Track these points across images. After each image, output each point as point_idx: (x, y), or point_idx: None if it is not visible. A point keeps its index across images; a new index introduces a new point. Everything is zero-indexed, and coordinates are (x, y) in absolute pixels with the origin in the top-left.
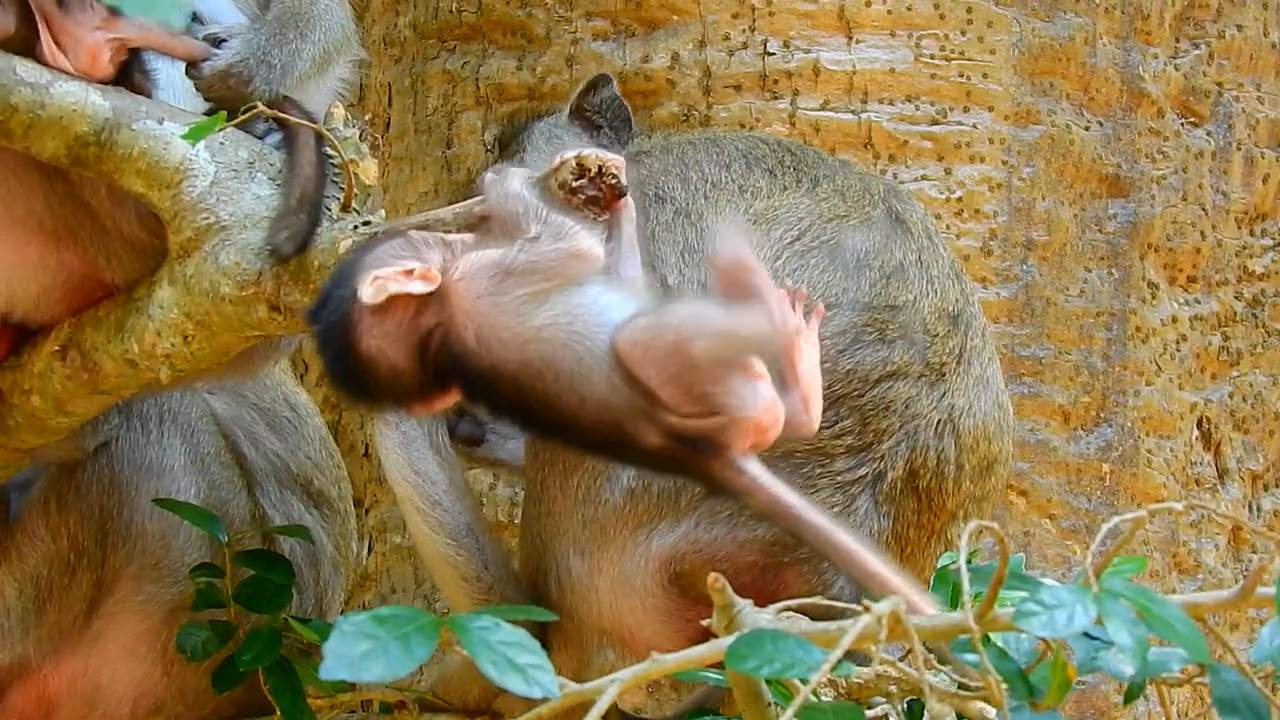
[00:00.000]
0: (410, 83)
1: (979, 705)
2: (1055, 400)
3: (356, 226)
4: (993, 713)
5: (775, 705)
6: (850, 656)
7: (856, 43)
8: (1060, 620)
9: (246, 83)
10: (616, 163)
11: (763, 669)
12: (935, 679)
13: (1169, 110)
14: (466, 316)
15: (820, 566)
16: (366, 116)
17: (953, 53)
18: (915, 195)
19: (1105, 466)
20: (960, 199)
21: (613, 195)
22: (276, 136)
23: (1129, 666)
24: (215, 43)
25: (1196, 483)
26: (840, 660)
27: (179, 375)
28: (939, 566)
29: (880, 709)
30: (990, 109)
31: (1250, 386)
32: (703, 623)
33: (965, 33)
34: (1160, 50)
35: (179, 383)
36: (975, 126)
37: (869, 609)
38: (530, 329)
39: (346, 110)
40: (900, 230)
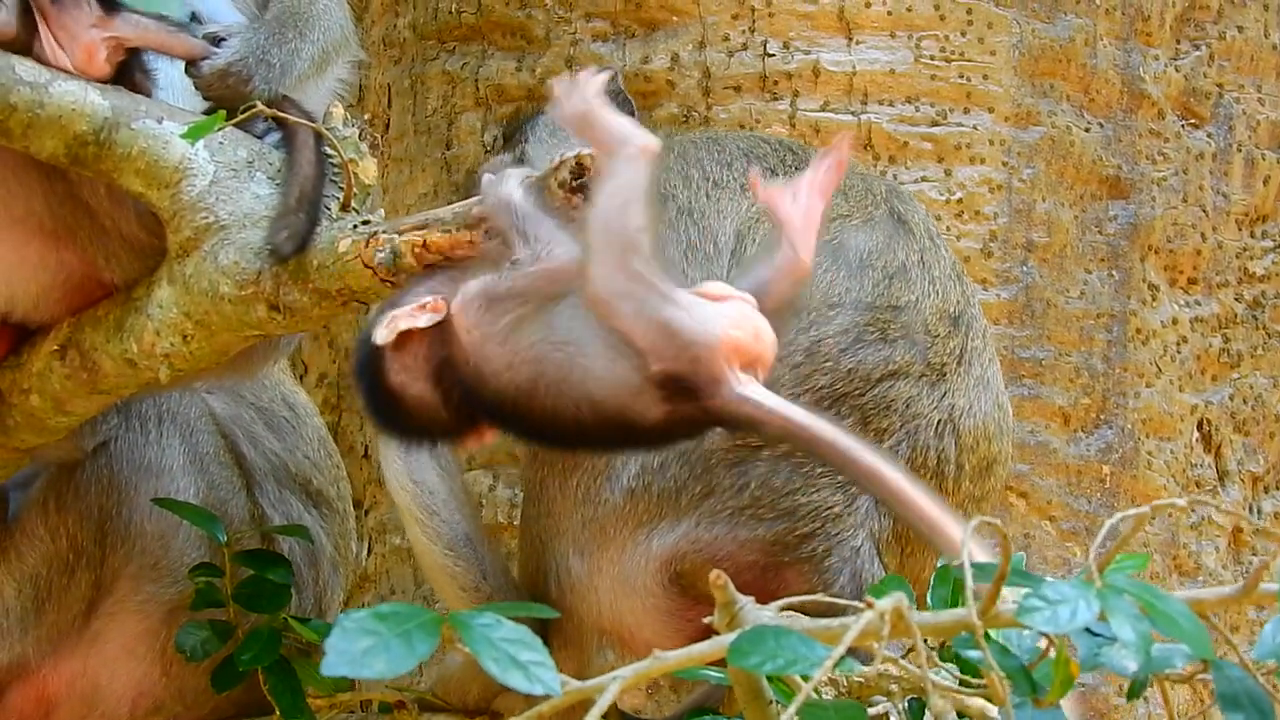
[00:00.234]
0: (410, 84)
1: (981, 702)
2: (1055, 402)
3: (356, 226)
4: (995, 710)
5: (776, 703)
6: (853, 655)
7: (856, 44)
8: (1064, 615)
9: (246, 81)
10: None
11: (765, 665)
12: (937, 676)
13: (1169, 112)
14: (463, 348)
15: (821, 565)
16: (365, 116)
17: (953, 54)
18: (915, 197)
19: (1105, 468)
20: (960, 200)
21: None
22: (276, 136)
23: (1132, 662)
24: (214, 41)
25: (1197, 485)
26: (843, 657)
27: (178, 375)
28: (939, 565)
29: (881, 707)
30: (990, 110)
31: (1251, 388)
32: (704, 620)
33: (965, 34)
34: (1161, 51)
35: (178, 382)
36: (975, 128)
37: (871, 605)
38: (516, 354)
39: (346, 110)
40: (903, 231)
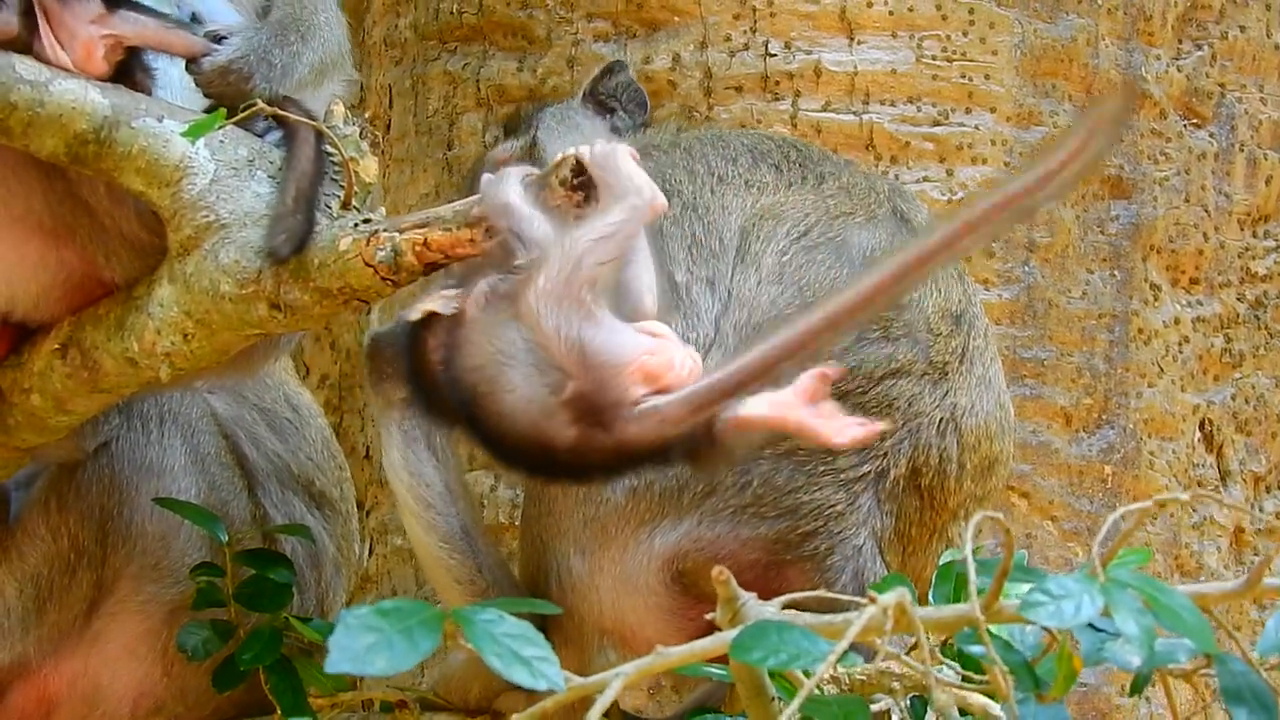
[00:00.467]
0: (411, 84)
1: (984, 698)
2: (1057, 402)
3: (357, 224)
4: (998, 706)
5: (778, 700)
6: (857, 651)
7: (858, 44)
8: (1067, 610)
9: (247, 79)
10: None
11: (768, 660)
12: (940, 672)
13: (1171, 111)
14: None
15: (824, 563)
16: (366, 115)
17: (954, 54)
18: (917, 197)
19: (1107, 468)
20: (962, 200)
21: None
22: (276, 135)
23: (1135, 657)
24: (215, 40)
25: (1199, 484)
26: (845, 654)
27: (179, 373)
28: (941, 563)
29: (884, 703)
30: (992, 110)
31: (1252, 388)
32: (707, 617)
33: (967, 34)
34: (1163, 51)
35: (179, 381)
36: (977, 128)
37: (874, 600)
38: (477, 357)
39: (346, 110)
40: (905, 230)
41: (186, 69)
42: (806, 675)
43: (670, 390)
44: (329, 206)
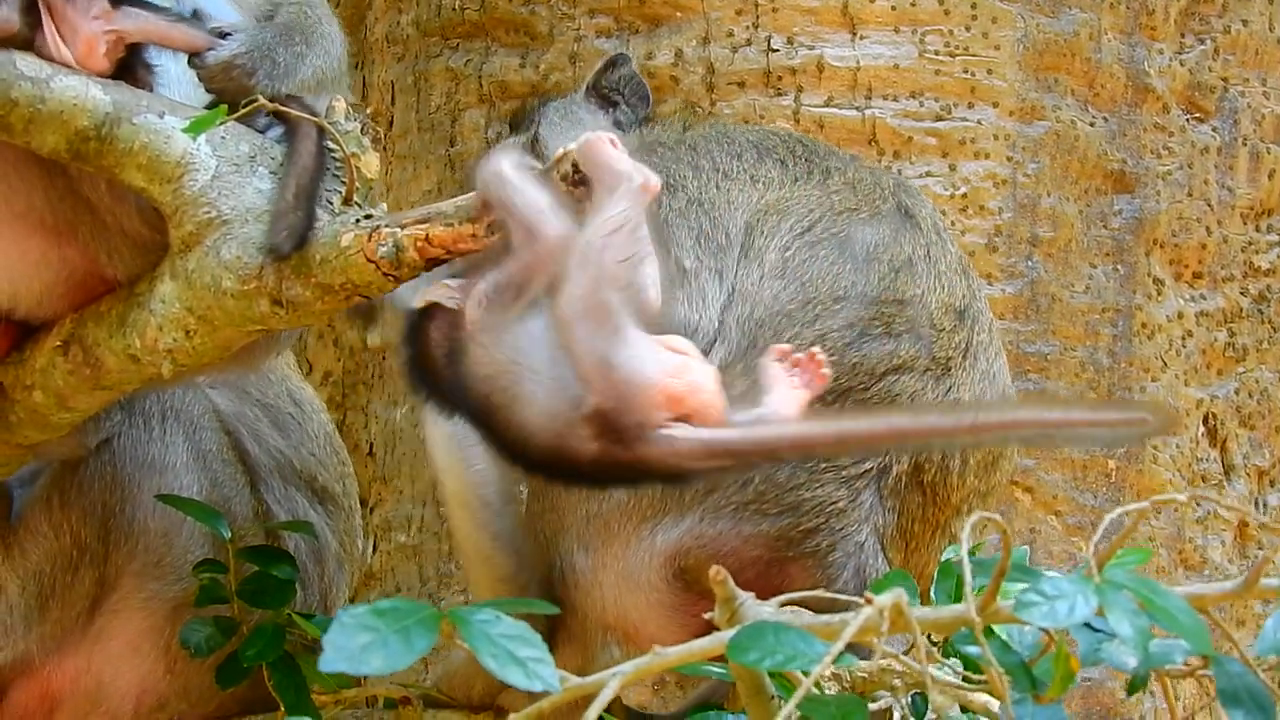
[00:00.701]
0: (413, 81)
1: (984, 698)
2: (1061, 396)
3: (358, 220)
4: (995, 705)
5: (778, 699)
6: (854, 650)
7: (860, 39)
8: (1061, 611)
9: (250, 74)
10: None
11: (764, 661)
12: (938, 671)
13: (1174, 106)
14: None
15: (825, 560)
16: (368, 111)
17: (957, 48)
18: (921, 192)
19: (1111, 463)
20: (965, 195)
21: None
22: (277, 131)
23: (1131, 658)
24: (220, 36)
25: (1202, 479)
26: (843, 653)
27: (181, 370)
28: (943, 560)
29: (884, 702)
30: (995, 105)
31: (1256, 382)
32: (707, 615)
33: (970, 28)
34: (1165, 45)
35: (181, 377)
36: (980, 122)
37: (871, 601)
38: (489, 360)
39: (348, 106)
40: (910, 225)
41: (189, 64)
42: (805, 675)
43: (692, 416)
44: (331, 203)
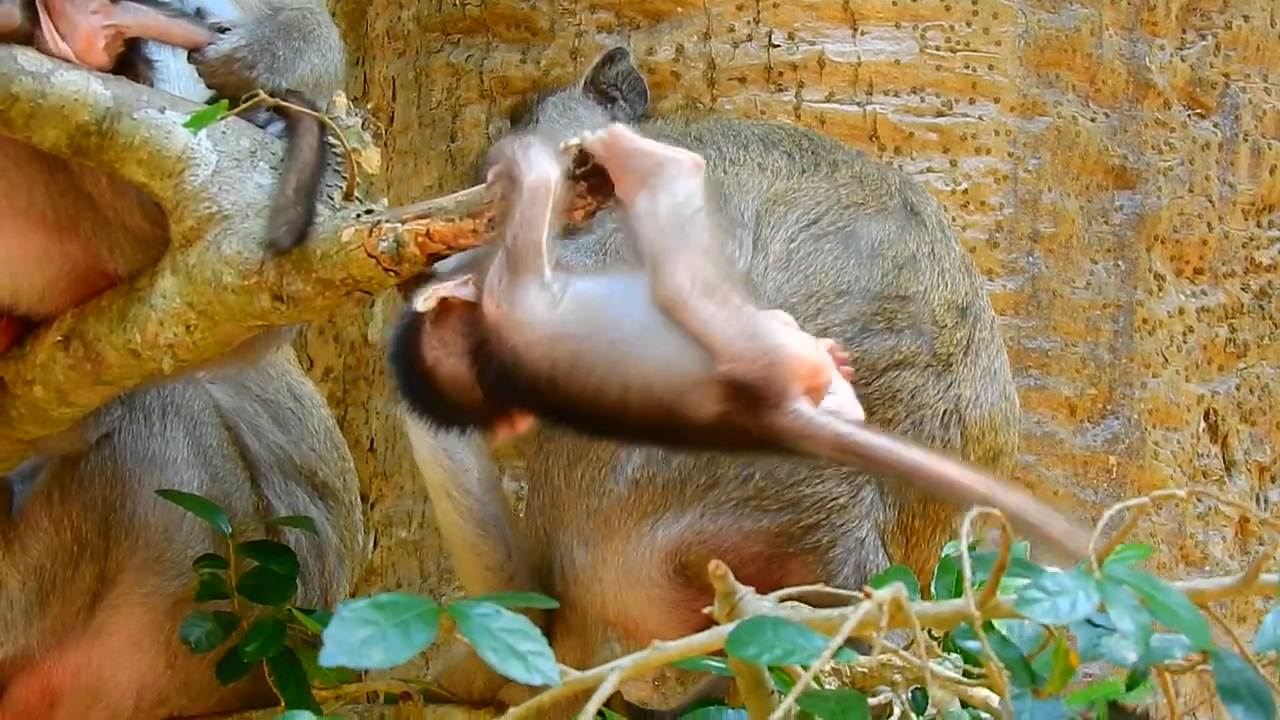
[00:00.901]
0: (414, 76)
1: (983, 693)
2: (1061, 392)
3: (359, 215)
4: (995, 700)
5: (778, 693)
6: (854, 645)
7: (861, 34)
8: (1063, 606)
9: (250, 68)
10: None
11: (763, 656)
12: (938, 666)
13: (1175, 101)
14: (494, 323)
15: (826, 556)
16: (369, 106)
17: (958, 44)
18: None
19: (1112, 459)
20: (966, 191)
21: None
22: (278, 126)
23: (1132, 653)
24: (219, 31)
25: (1204, 475)
26: (842, 648)
27: (181, 365)
28: (943, 555)
29: (884, 697)
30: (996, 101)
31: (1257, 378)
32: (704, 610)
33: (971, 24)
34: (1167, 41)
35: (182, 372)
36: (981, 118)
37: (870, 595)
38: (549, 327)
39: (349, 102)
40: (915, 222)
41: (189, 59)
42: (805, 669)
43: (817, 392)
44: (331, 198)
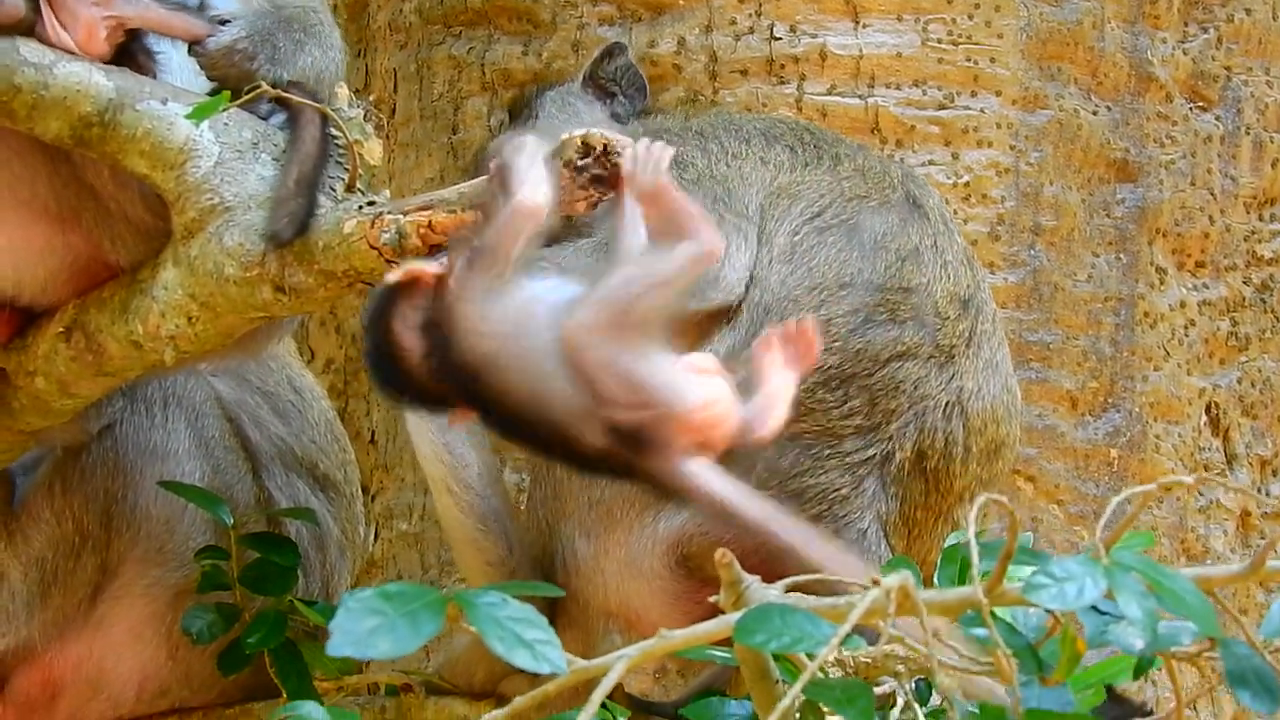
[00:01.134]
0: (415, 68)
1: (988, 681)
2: (1063, 385)
3: (361, 207)
4: (1002, 688)
5: (783, 682)
6: (859, 634)
7: (863, 27)
8: (1070, 593)
9: (251, 59)
10: (623, 142)
11: (771, 643)
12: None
13: (1177, 95)
14: (445, 305)
15: None
16: (371, 98)
17: (960, 37)
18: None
19: (1113, 452)
20: (968, 184)
21: (618, 174)
22: (280, 118)
23: (1139, 640)
24: (220, 24)
25: (1205, 468)
26: (849, 636)
27: (183, 356)
28: (946, 546)
29: (889, 686)
30: (998, 93)
31: (1259, 372)
32: (711, 600)
33: (973, 17)
34: (1168, 34)
35: (183, 364)
36: (983, 111)
37: (878, 583)
38: (485, 321)
39: (351, 94)
40: (917, 215)
41: (190, 52)
42: (810, 658)
43: (709, 447)
44: (333, 189)
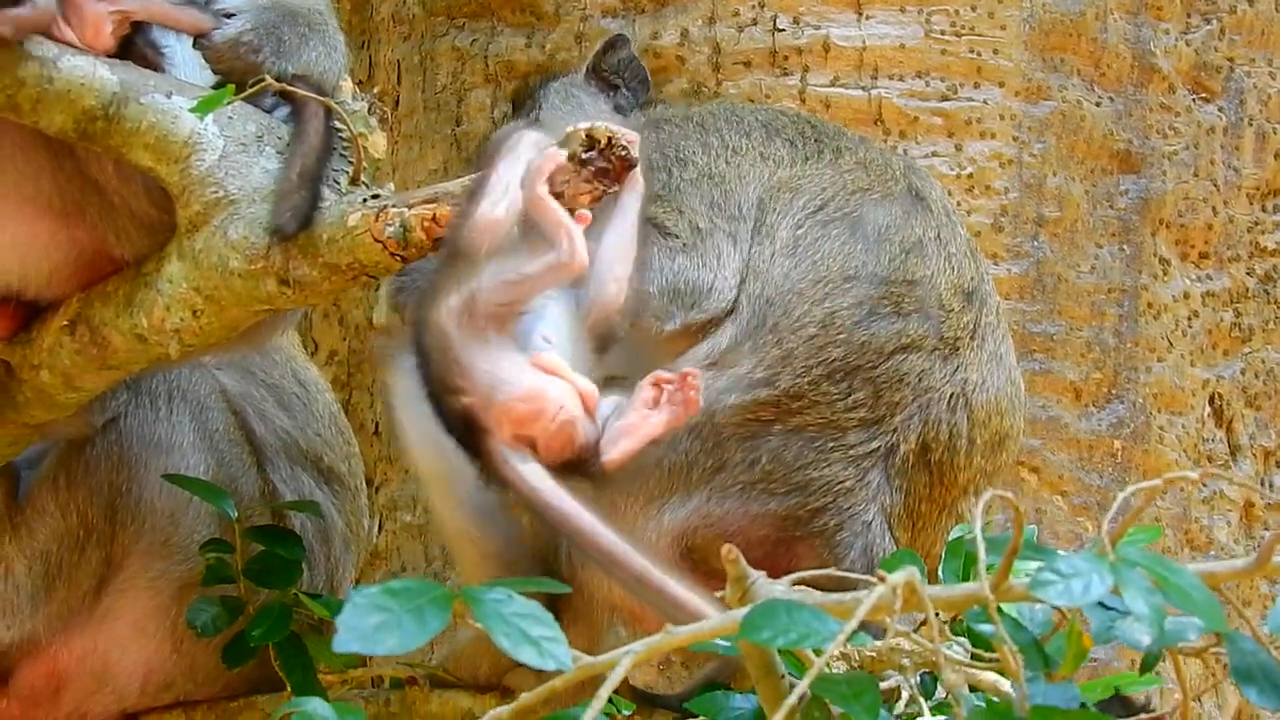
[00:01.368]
0: (419, 60)
1: (993, 676)
2: (1067, 377)
3: (365, 200)
4: (1008, 684)
5: (788, 678)
6: (865, 629)
7: (866, 18)
8: (1076, 589)
9: (256, 51)
10: (628, 136)
11: (777, 639)
12: (950, 650)
13: (1180, 86)
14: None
15: (833, 540)
16: (375, 91)
17: (963, 28)
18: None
19: (1117, 443)
20: (971, 175)
21: (623, 167)
22: (284, 111)
23: (1145, 636)
24: (225, 16)
25: (1209, 459)
26: (855, 632)
27: (188, 349)
28: (951, 539)
29: (894, 681)
30: (1001, 85)
31: (1262, 363)
32: (715, 594)
33: (975, 8)
34: (1171, 25)
35: (188, 357)
36: (986, 102)
37: (884, 579)
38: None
39: (355, 86)
40: (920, 207)
41: (195, 45)
42: (816, 653)
43: (538, 439)
44: (338, 182)
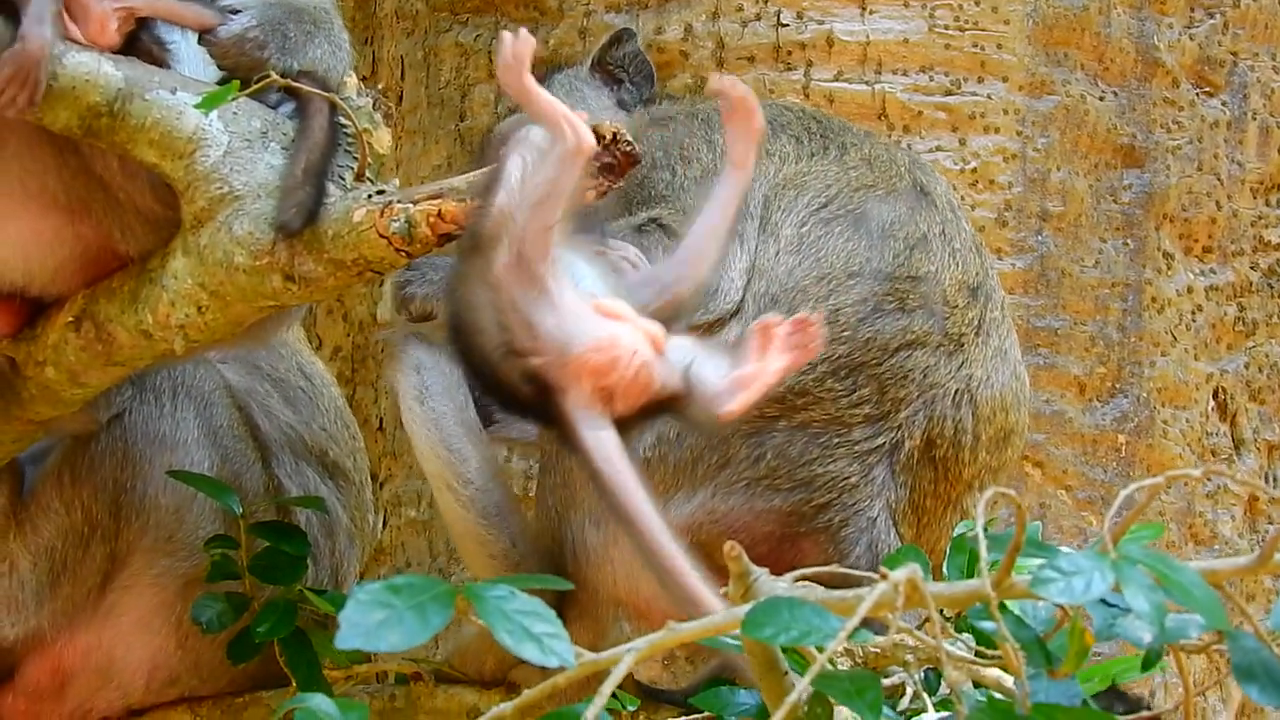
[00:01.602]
0: (423, 56)
1: (996, 673)
2: (1071, 371)
3: (370, 195)
4: (1010, 680)
5: (791, 674)
6: (868, 626)
7: (870, 13)
8: (1078, 586)
9: (261, 47)
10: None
11: (779, 637)
12: (953, 647)
13: (1184, 80)
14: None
15: (838, 535)
16: (379, 87)
17: (967, 23)
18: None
19: (1121, 437)
20: (975, 170)
21: (627, 162)
22: (289, 107)
23: (1147, 633)
24: (230, 13)
25: (1213, 453)
26: (858, 628)
27: (193, 345)
28: (955, 535)
29: (897, 678)
30: (1004, 79)
31: (1266, 357)
32: (720, 591)
33: (979, 3)
34: (1175, 20)
35: (193, 353)
36: (989, 97)
37: (886, 576)
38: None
39: (359, 82)
40: (925, 203)
41: (200, 41)
42: (819, 650)
43: (615, 389)
44: (342, 178)
